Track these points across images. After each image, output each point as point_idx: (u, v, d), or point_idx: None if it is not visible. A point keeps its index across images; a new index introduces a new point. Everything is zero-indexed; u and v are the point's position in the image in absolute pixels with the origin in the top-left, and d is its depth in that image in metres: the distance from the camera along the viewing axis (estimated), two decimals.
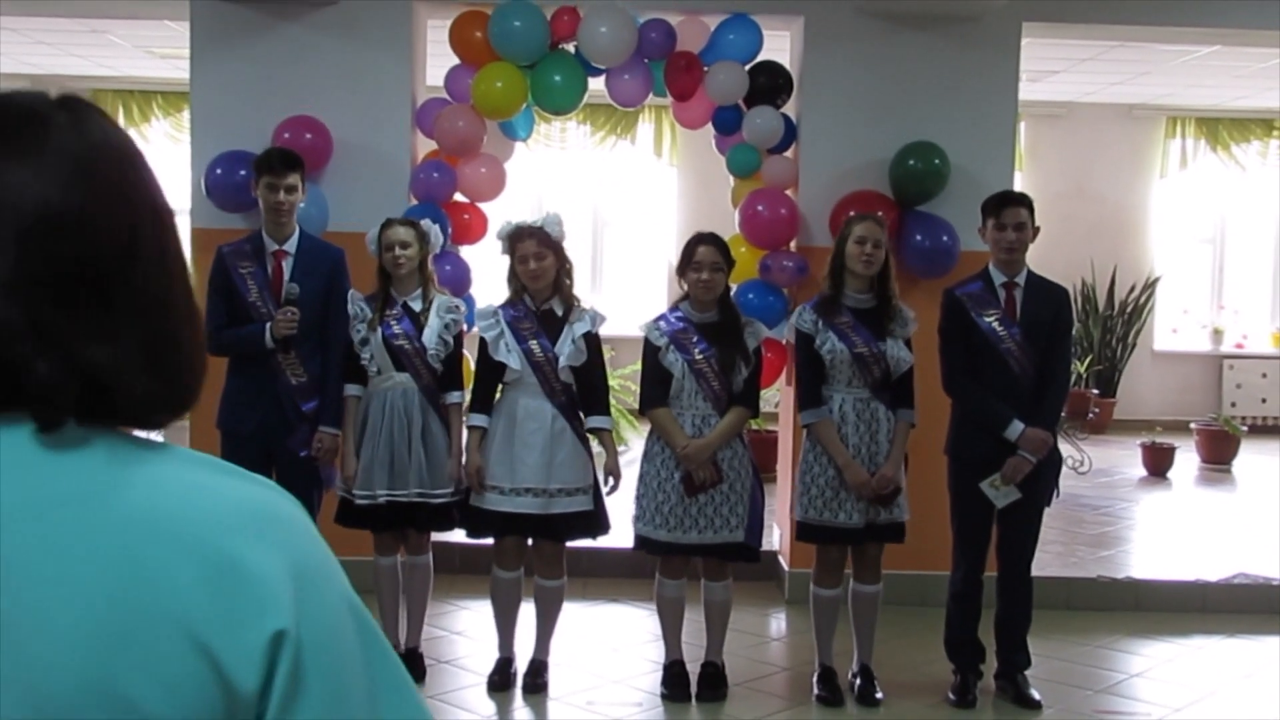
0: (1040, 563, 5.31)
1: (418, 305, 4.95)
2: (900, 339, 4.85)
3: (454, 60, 6.23)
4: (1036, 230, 5.00)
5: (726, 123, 6.21)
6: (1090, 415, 11.54)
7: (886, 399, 4.87)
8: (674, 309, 4.98)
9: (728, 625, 5.06)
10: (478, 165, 6.20)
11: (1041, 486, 4.95)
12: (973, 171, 6.13)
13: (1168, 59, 9.87)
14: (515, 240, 4.83)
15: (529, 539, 4.97)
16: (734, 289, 5.67)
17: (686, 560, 4.97)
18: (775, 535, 6.62)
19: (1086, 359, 12.26)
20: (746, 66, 6.12)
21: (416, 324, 4.92)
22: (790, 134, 6.20)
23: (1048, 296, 4.98)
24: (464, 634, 5.73)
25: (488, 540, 5.04)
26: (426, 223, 5.09)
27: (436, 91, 6.36)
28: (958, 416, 5.05)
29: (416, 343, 4.89)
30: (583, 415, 4.92)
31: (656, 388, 4.86)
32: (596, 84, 6.22)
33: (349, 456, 4.92)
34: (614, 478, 4.91)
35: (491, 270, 6.43)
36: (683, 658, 5.04)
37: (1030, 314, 4.92)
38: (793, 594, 6.17)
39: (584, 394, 4.88)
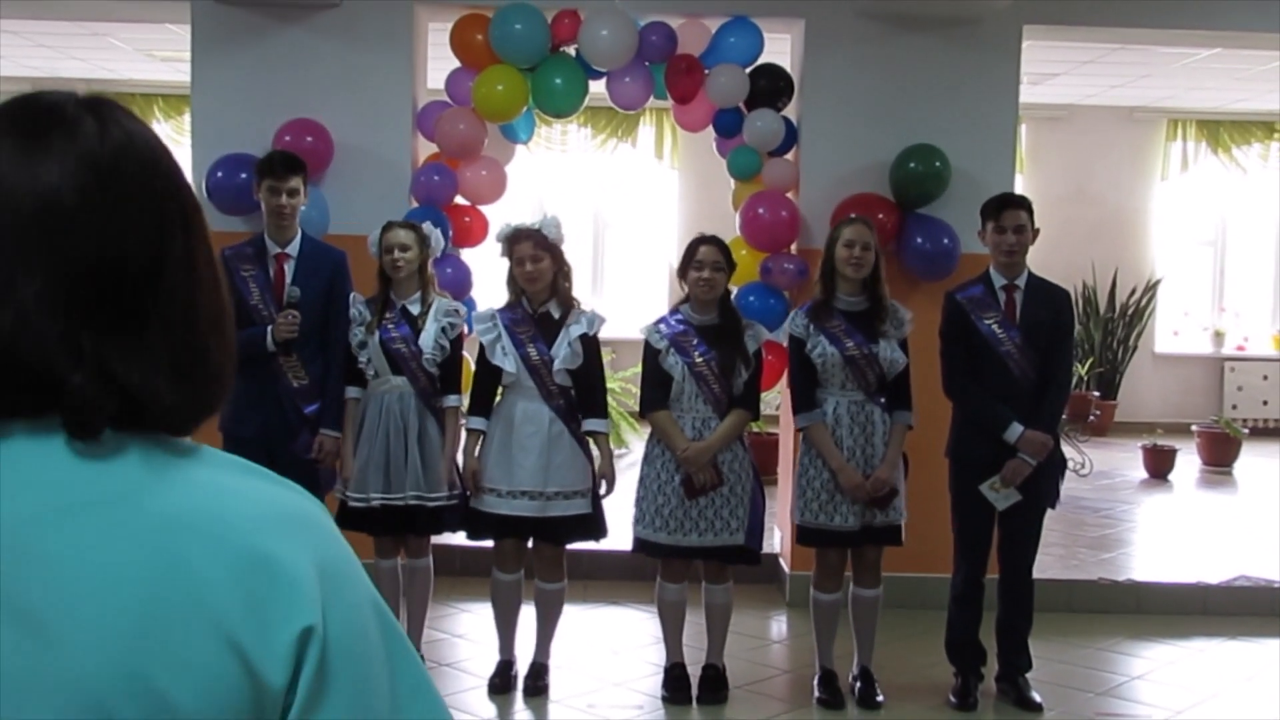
0: (1041, 565, 5.31)
1: (416, 309, 4.95)
2: (894, 340, 4.83)
3: (455, 63, 6.23)
4: (1036, 232, 5.00)
5: (727, 125, 6.21)
6: (1091, 417, 11.54)
7: (883, 402, 4.86)
8: (674, 312, 4.98)
9: (728, 628, 5.06)
10: (479, 168, 6.20)
11: (1042, 489, 4.95)
12: (973, 174, 6.13)
13: (1168, 61, 9.87)
14: (513, 242, 4.84)
15: (528, 542, 4.98)
16: (735, 291, 5.67)
17: (687, 563, 4.96)
18: (776, 538, 6.62)
19: (1087, 361, 12.26)
20: (747, 69, 6.12)
21: (414, 327, 4.91)
22: (791, 136, 6.20)
23: (1048, 298, 4.98)
24: (465, 637, 5.73)
25: (488, 543, 5.04)
26: (428, 226, 5.09)
27: (437, 94, 6.36)
28: (958, 419, 5.05)
29: (413, 346, 4.89)
30: (580, 418, 4.91)
31: (657, 390, 4.86)
32: (597, 87, 6.22)
33: (348, 458, 4.93)
34: (607, 481, 4.89)
35: (492, 273, 6.45)
36: (683, 660, 5.04)
37: (1030, 316, 4.92)
38: (793, 597, 6.17)
39: (581, 397, 4.88)
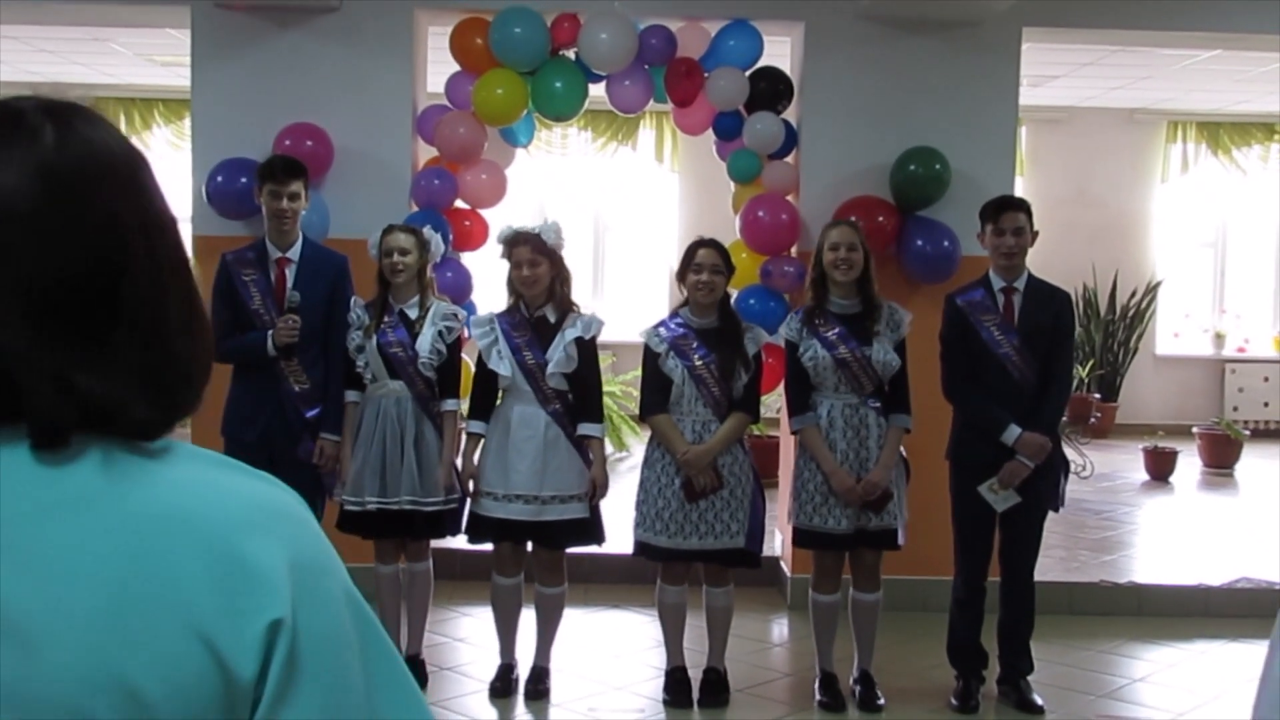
0: (1043, 567, 5.30)
1: (414, 313, 4.95)
2: (888, 341, 4.82)
3: (454, 67, 6.24)
4: (1035, 235, 5.00)
5: (727, 128, 6.22)
6: (1092, 420, 11.54)
7: (879, 405, 4.86)
8: (674, 315, 4.98)
9: (729, 631, 5.06)
10: (479, 172, 6.21)
11: (1042, 491, 4.94)
12: (974, 176, 6.13)
13: (1168, 63, 9.87)
14: (511, 245, 4.85)
15: (527, 545, 4.98)
16: (735, 294, 5.68)
17: (688, 566, 4.96)
18: (777, 541, 6.62)
19: (1088, 363, 12.25)
20: (747, 72, 6.13)
21: (411, 331, 4.92)
22: (791, 139, 6.21)
23: (1048, 301, 4.98)
24: (466, 641, 5.73)
25: (488, 546, 5.04)
26: (428, 231, 5.09)
27: (437, 98, 6.36)
28: (958, 422, 5.05)
29: (410, 350, 4.89)
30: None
31: (657, 394, 4.86)
32: (597, 90, 6.23)
33: (347, 462, 4.93)
34: (599, 488, 4.87)
35: (493, 277, 6.45)
36: (684, 664, 5.04)
37: (1030, 319, 4.92)
38: (794, 599, 6.17)
39: (576, 401, 4.87)
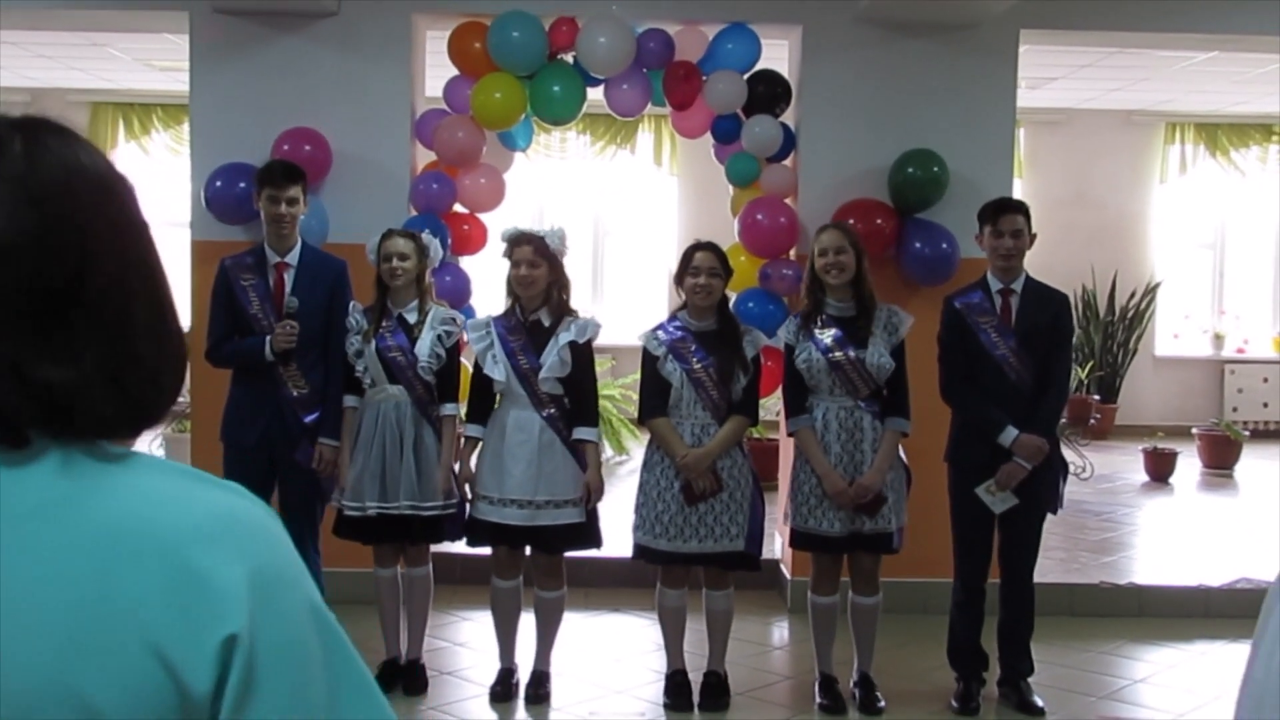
0: (1043, 569, 5.30)
1: (413, 317, 4.95)
2: (882, 344, 4.81)
3: (453, 71, 6.24)
4: (1033, 237, 5.00)
5: (725, 132, 6.22)
6: (1092, 421, 11.55)
7: (875, 408, 4.85)
8: (672, 318, 4.99)
9: (730, 634, 5.05)
10: (477, 176, 6.21)
11: (1041, 493, 4.94)
12: (972, 178, 6.13)
13: (1166, 65, 9.87)
14: (514, 244, 4.85)
15: (525, 549, 4.98)
16: (733, 298, 5.68)
17: (688, 569, 4.96)
18: (776, 544, 6.62)
19: (1088, 365, 12.26)
20: (745, 75, 6.13)
21: (410, 336, 4.92)
22: (789, 142, 6.21)
23: (1046, 303, 4.98)
24: (466, 645, 5.73)
25: (487, 550, 5.05)
26: (427, 236, 5.09)
27: (436, 102, 6.37)
28: (957, 424, 5.05)
29: (409, 355, 4.89)
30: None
31: (655, 397, 4.86)
32: (595, 94, 6.23)
33: (344, 467, 4.93)
34: (594, 493, 4.86)
35: (492, 281, 6.45)
36: (685, 667, 5.04)
37: (1027, 321, 4.92)
38: (795, 602, 6.16)
39: (572, 405, 4.87)
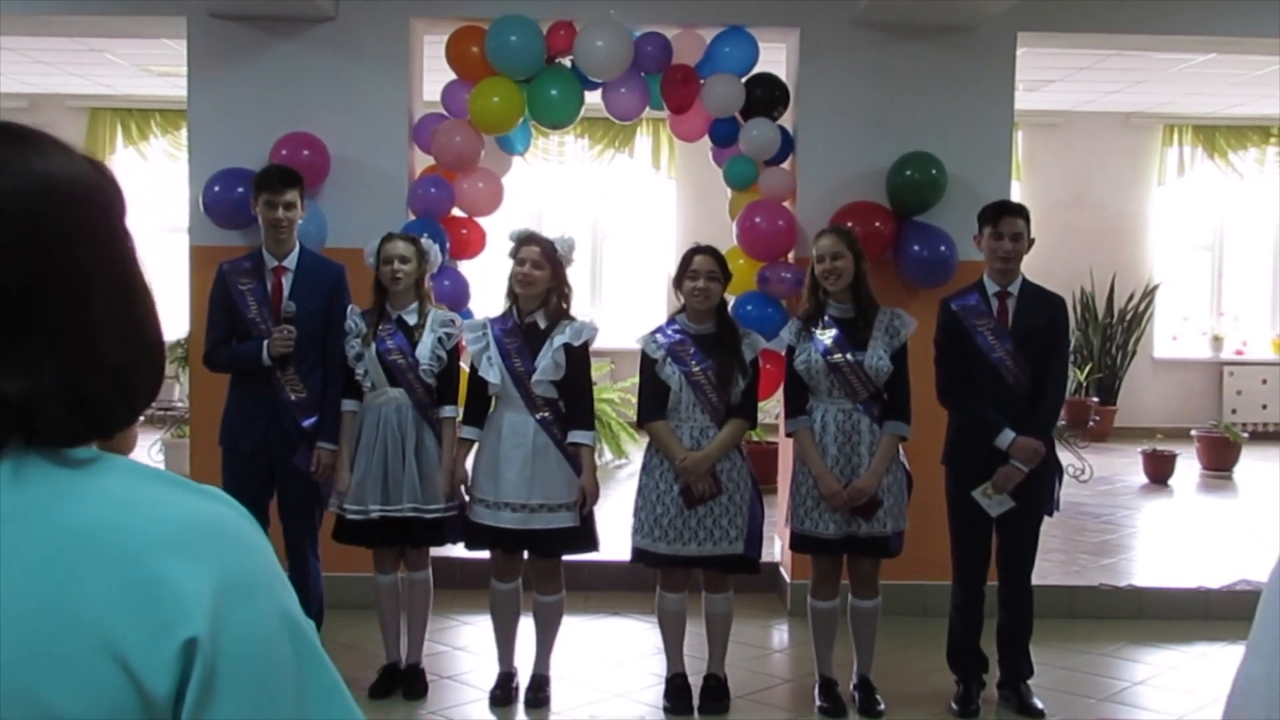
0: (1042, 571, 5.30)
1: (413, 320, 4.96)
2: (882, 346, 4.80)
3: (451, 75, 6.25)
4: (1032, 241, 5.01)
5: (723, 135, 6.23)
6: (1091, 423, 11.54)
7: (875, 411, 4.84)
8: (671, 322, 4.99)
9: (729, 637, 5.05)
10: (475, 180, 6.21)
11: (1038, 495, 4.95)
12: (970, 181, 6.13)
13: (1164, 67, 9.89)
14: (522, 244, 4.85)
15: (522, 552, 4.97)
16: (732, 301, 5.68)
17: (687, 573, 4.96)
18: (776, 547, 6.61)
19: (1087, 367, 12.26)
20: (743, 79, 6.13)
21: (410, 339, 4.92)
22: (787, 146, 6.21)
23: (1043, 305, 4.98)
24: (466, 649, 5.73)
25: (485, 554, 5.04)
26: (427, 241, 5.10)
27: (433, 107, 6.37)
28: (954, 426, 5.05)
29: (410, 357, 4.89)
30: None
31: (654, 400, 4.86)
32: (593, 98, 6.23)
33: (343, 471, 4.92)
34: (589, 496, 4.85)
35: (490, 285, 6.44)
36: (685, 670, 5.03)
37: (1024, 324, 4.92)
38: (794, 605, 6.16)
39: (567, 408, 4.86)
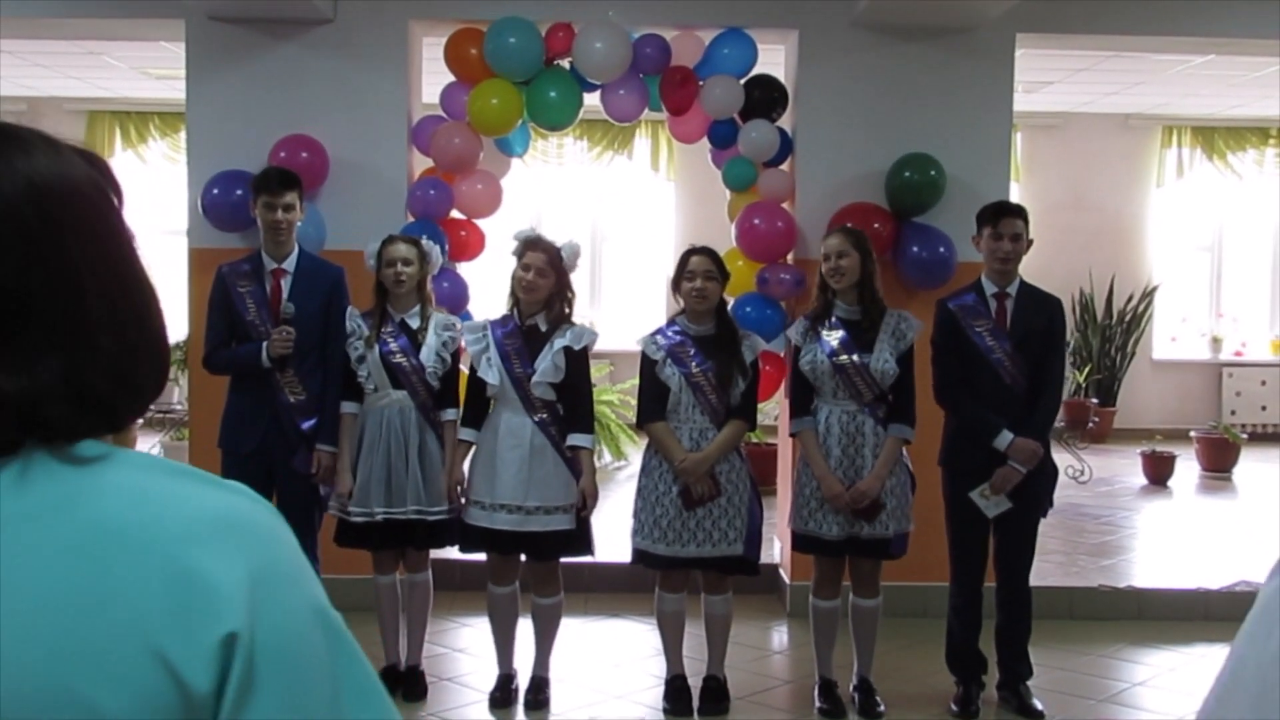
0: (1042, 572, 5.31)
1: (415, 322, 4.96)
2: (888, 349, 4.81)
3: (449, 77, 6.25)
4: (1030, 242, 5.01)
5: (722, 136, 6.23)
6: (1090, 424, 11.54)
7: (879, 413, 4.85)
8: (671, 323, 4.99)
9: (729, 639, 5.05)
10: (474, 182, 6.21)
11: (1035, 496, 4.95)
12: (969, 182, 6.14)
13: (1162, 68, 9.89)
14: (527, 247, 4.84)
15: (519, 555, 4.96)
16: (731, 302, 5.68)
17: (687, 574, 4.96)
18: (776, 548, 6.62)
19: (1086, 368, 12.27)
20: (742, 80, 6.14)
21: (414, 341, 4.92)
22: (786, 147, 6.22)
23: (1040, 307, 4.99)
24: (465, 651, 5.72)
25: (482, 556, 5.04)
26: (427, 242, 5.10)
27: (432, 109, 6.37)
28: (951, 428, 5.05)
29: (414, 360, 4.89)
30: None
31: (653, 402, 4.86)
32: (592, 99, 6.24)
33: (344, 474, 4.92)
34: (589, 499, 4.86)
35: (489, 287, 6.45)
36: (684, 672, 5.03)
37: (1022, 324, 4.92)
38: (794, 607, 6.16)
39: (566, 411, 4.86)
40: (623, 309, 12.22)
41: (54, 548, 0.88)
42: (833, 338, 4.82)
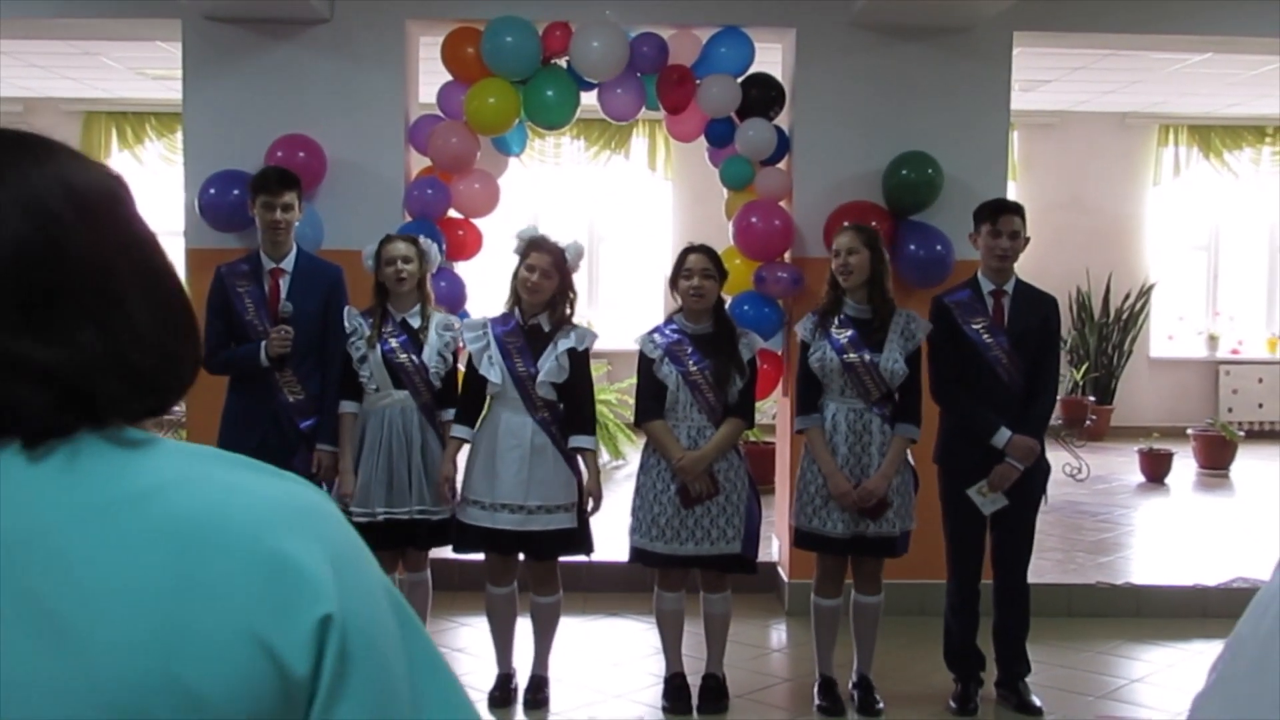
0: (1040, 569, 5.31)
1: (416, 322, 4.95)
2: (897, 349, 4.81)
3: (446, 77, 6.25)
4: (1027, 240, 5.02)
5: (719, 135, 6.23)
6: (1087, 422, 11.56)
7: (886, 412, 4.85)
8: (668, 322, 4.99)
9: (728, 637, 5.05)
10: (471, 181, 6.21)
11: (1032, 493, 4.96)
12: (966, 181, 6.14)
13: (1159, 67, 9.90)
14: (531, 248, 4.83)
15: (518, 555, 4.96)
16: (729, 300, 5.68)
17: (685, 572, 4.96)
18: (774, 547, 6.62)
19: (1083, 366, 12.28)
20: (739, 79, 6.14)
21: (415, 341, 4.91)
22: (783, 146, 6.22)
23: (1036, 305, 4.99)
24: (465, 651, 5.72)
25: (478, 556, 5.03)
26: (425, 240, 5.09)
27: (429, 108, 6.38)
28: (947, 425, 5.05)
29: (416, 360, 4.89)
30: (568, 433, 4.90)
31: (651, 400, 4.86)
32: (589, 98, 6.24)
33: (346, 474, 4.92)
34: (594, 499, 4.87)
35: (487, 286, 6.45)
36: (683, 670, 5.03)
37: (1019, 322, 4.93)
38: (792, 605, 6.16)
39: (568, 413, 4.85)
40: (620, 308, 12.22)
41: (139, 540, 0.90)
42: (843, 335, 4.82)
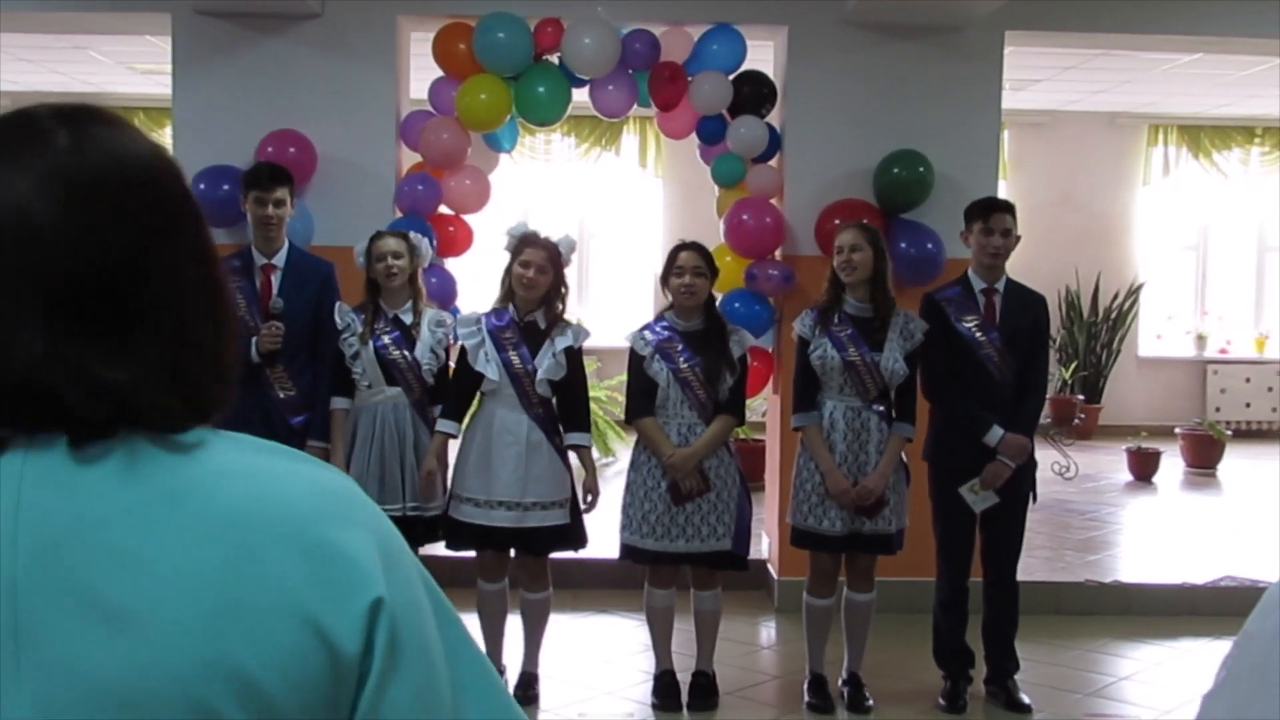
0: (1028, 567, 5.32)
1: (408, 318, 4.94)
2: (898, 349, 4.80)
3: (438, 72, 6.23)
4: (1018, 238, 5.03)
5: (711, 133, 6.23)
6: (1076, 421, 11.58)
7: (883, 411, 4.85)
8: (659, 319, 4.99)
9: (718, 634, 5.05)
10: (462, 178, 6.20)
11: (1022, 491, 4.97)
12: (957, 180, 6.15)
13: (1149, 67, 9.92)
14: (525, 244, 4.82)
15: (510, 552, 4.96)
16: (720, 298, 5.68)
17: (675, 569, 4.96)
18: (764, 544, 6.62)
19: (1072, 365, 12.30)
20: (730, 76, 6.14)
21: (407, 337, 4.90)
22: (775, 143, 6.22)
23: (1027, 304, 5.01)
24: None
25: (469, 553, 5.02)
26: (416, 235, 5.08)
27: (420, 104, 6.36)
28: (937, 424, 5.05)
29: (409, 356, 4.88)
30: (563, 431, 4.88)
31: (642, 397, 4.86)
32: (580, 95, 6.23)
33: (339, 469, 4.89)
34: (592, 496, 4.87)
35: (478, 282, 6.44)
36: (673, 667, 5.04)
37: (1010, 321, 4.94)
38: (782, 602, 6.17)
39: (564, 410, 4.85)
40: (610, 306, 12.21)
41: (191, 529, 0.91)
42: (843, 333, 4.82)
